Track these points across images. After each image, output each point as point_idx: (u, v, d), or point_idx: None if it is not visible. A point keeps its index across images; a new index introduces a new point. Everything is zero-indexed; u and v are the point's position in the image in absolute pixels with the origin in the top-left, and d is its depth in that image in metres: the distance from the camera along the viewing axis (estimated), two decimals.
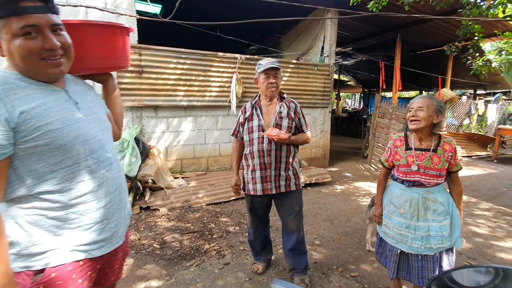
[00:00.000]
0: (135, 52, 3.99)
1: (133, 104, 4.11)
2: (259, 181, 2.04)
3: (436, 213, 1.67)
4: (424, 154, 1.66)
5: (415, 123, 1.64)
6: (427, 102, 1.64)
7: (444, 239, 1.67)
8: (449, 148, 1.65)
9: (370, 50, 9.25)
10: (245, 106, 2.17)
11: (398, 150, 1.76)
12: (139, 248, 2.69)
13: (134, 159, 3.73)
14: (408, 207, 1.71)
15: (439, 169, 1.64)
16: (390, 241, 1.81)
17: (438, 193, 1.69)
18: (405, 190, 1.74)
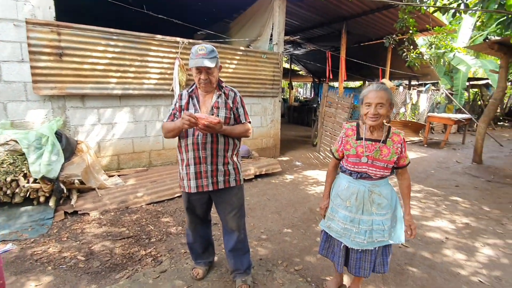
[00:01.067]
0: (52, 31, 3.37)
1: (53, 93, 3.50)
2: (193, 177, 1.83)
3: (380, 207, 1.67)
4: (373, 144, 1.63)
5: (375, 120, 1.57)
6: (385, 97, 1.56)
7: (385, 233, 1.67)
8: (398, 139, 1.62)
9: (318, 40, 9.43)
10: (182, 93, 1.91)
11: (349, 140, 1.71)
12: (58, 263, 2.29)
13: (55, 157, 3.20)
14: (354, 200, 1.68)
15: (387, 161, 1.61)
16: (334, 235, 1.79)
17: (383, 186, 1.68)
18: (353, 182, 1.70)
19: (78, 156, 3.52)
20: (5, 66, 3.19)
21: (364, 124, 1.69)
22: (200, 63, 1.70)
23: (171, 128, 1.78)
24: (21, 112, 3.39)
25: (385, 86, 1.60)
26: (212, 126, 1.63)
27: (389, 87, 6.33)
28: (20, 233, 2.72)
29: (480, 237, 2.91)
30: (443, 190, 4.40)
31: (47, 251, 2.46)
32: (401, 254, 2.56)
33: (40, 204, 3.06)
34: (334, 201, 1.81)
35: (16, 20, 3.16)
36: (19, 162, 3.00)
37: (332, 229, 1.80)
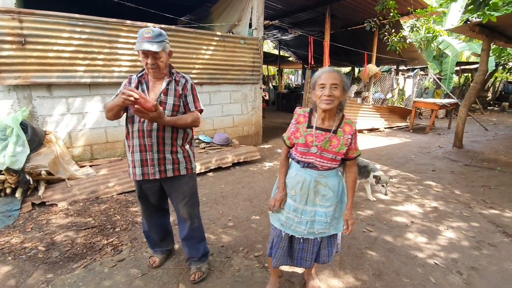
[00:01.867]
0: (14, 18, 3.24)
1: (17, 82, 3.40)
2: (138, 165, 1.79)
3: (324, 198, 1.60)
4: (323, 134, 1.52)
5: (329, 102, 1.43)
6: (339, 78, 1.46)
7: (327, 225, 1.62)
8: (349, 129, 1.53)
9: (305, 25, 9.25)
10: (131, 77, 1.83)
11: (299, 127, 1.59)
12: (18, 253, 2.29)
13: (20, 148, 3.14)
14: (299, 189, 1.61)
15: (336, 153, 1.52)
16: (276, 225, 1.72)
17: (330, 177, 1.60)
18: (300, 171, 1.62)
19: (46, 147, 3.47)
20: None
21: (316, 112, 1.57)
22: (144, 47, 1.63)
23: (110, 106, 1.64)
24: None
25: (337, 69, 1.52)
26: (145, 112, 1.54)
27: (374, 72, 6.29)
28: None
29: (445, 221, 2.95)
30: (419, 174, 4.43)
31: (10, 242, 2.45)
32: (364, 238, 2.59)
33: (7, 195, 3.03)
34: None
35: None
36: None
37: (273, 216, 1.74)
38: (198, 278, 1.97)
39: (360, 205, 3.27)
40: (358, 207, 3.22)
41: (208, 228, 2.71)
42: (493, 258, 2.31)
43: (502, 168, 4.69)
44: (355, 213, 3.06)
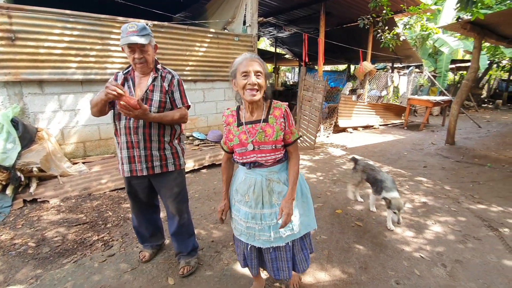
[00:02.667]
0: (2, 14, 3.22)
1: (7, 79, 3.39)
2: (126, 162, 1.81)
3: (281, 196, 1.45)
4: (255, 127, 1.40)
5: (255, 93, 1.33)
6: (262, 66, 1.35)
7: (293, 225, 1.47)
8: (280, 113, 1.40)
9: (301, 22, 9.25)
10: (117, 74, 1.85)
11: (231, 128, 1.46)
12: (7, 249, 2.30)
13: (10, 145, 3.14)
14: (252, 193, 1.45)
15: (274, 141, 1.38)
16: (242, 238, 1.55)
17: (282, 172, 1.47)
18: (249, 173, 1.47)
19: (38, 144, 3.46)
20: None
21: (243, 107, 1.45)
22: (132, 40, 1.64)
23: (94, 102, 1.65)
24: None
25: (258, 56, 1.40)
26: (130, 109, 1.55)
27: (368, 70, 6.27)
28: None
29: (433, 215, 2.99)
30: (410, 171, 4.48)
31: (0, 237, 2.45)
32: (352, 232, 2.63)
33: None
34: (235, 197, 1.55)
35: None
36: None
37: (237, 230, 1.57)
38: (187, 272, 1.99)
39: (350, 200, 3.31)
40: (347, 202, 3.26)
41: (200, 224, 2.74)
42: (477, 251, 2.36)
43: (492, 164, 4.75)
44: (345, 208, 3.10)
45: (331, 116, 7.38)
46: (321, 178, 4.04)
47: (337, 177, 4.10)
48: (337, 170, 4.42)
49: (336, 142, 6.37)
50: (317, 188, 3.68)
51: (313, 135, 5.83)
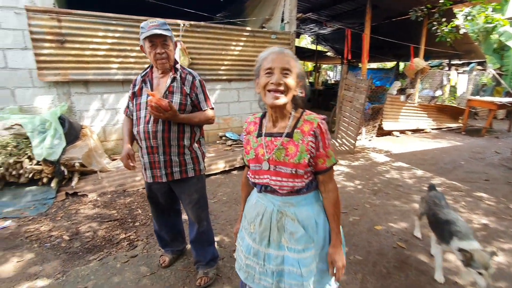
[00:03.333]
0: (53, 18, 3.47)
1: (57, 79, 3.65)
2: (148, 167, 1.77)
3: (293, 238, 1.10)
4: (274, 141, 1.10)
5: (278, 95, 1.03)
6: (293, 62, 1.06)
7: (305, 280, 1.09)
8: (309, 128, 1.06)
9: (344, 18, 8.71)
10: (136, 78, 1.83)
11: (250, 139, 1.19)
12: (44, 241, 2.43)
13: (57, 141, 3.37)
14: (258, 224, 1.16)
15: (295, 165, 1.05)
16: (241, 275, 1.24)
17: (302, 207, 1.12)
18: (260, 197, 1.19)
19: (81, 140, 3.68)
20: (9, 54, 3.37)
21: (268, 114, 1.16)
22: (155, 31, 1.58)
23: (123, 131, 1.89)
24: (28, 98, 3.60)
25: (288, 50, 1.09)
26: (161, 110, 1.54)
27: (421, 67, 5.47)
28: (23, 211, 2.93)
29: (495, 241, 2.50)
30: (468, 184, 3.87)
31: (39, 229, 2.62)
32: (393, 255, 2.29)
33: (43, 185, 3.27)
34: (243, 221, 1.29)
35: (16, 8, 3.29)
36: (23, 145, 3.20)
37: (237, 263, 1.28)
38: (204, 283, 1.89)
39: (392, 215, 2.93)
40: (389, 218, 2.88)
41: (224, 230, 2.63)
42: None
43: None
44: (386, 225, 2.75)
45: (375, 118, 6.80)
46: (359, 187, 3.69)
47: (379, 187, 3.71)
48: (379, 178, 4.00)
49: (379, 147, 5.85)
50: (354, 198, 3.35)
51: (353, 138, 5.41)
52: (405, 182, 3.88)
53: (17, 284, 1.93)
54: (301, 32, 12.00)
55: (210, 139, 5.01)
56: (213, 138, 5.04)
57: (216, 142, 5.03)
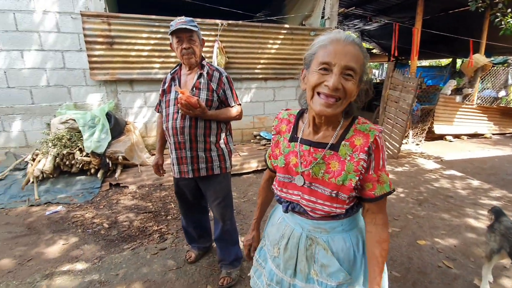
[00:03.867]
0: (103, 22, 3.76)
1: (106, 78, 3.95)
2: (176, 163, 1.80)
3: (325, 272, 0.90)
4: (313, 152, 0.87)
5: (331, 103, 0.77)
6: (361, 58, 0.78)
7: None
8: (363, 142, 0.82)
9: (393, 11, 8.09)
10: (166, 76, 1.87)
11: (279, 140, 0.98)
12: (87, 227, 2.63)
13: (104, 135, 3.64)
14: (283, 248, 0.97)
15: (337, 187, 0.83)
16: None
17: (338, 233, 0.91)
18: (287, 217, 0.99)
19: (125, 135, 3.94)
20: (67, 55, 3.74)
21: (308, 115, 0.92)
22: (181, 26, 1.61)
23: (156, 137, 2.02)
24: (82, 95, 3.95)
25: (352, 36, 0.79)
26: (190, 107, 1.57)
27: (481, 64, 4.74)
28: (72, 197, 3.23)
29: None
30: None
31: (84, 216, 2.85)
32: (437, 275, 2.03)
33: (91, 175, 3.57)
34: (266, 240, 1.09)
35: (73, 13, 3.63)
36: (75, 138, 3.53)
37: (255, 283, 1.09)
38: (227, 284, 1.86)
39: (439, 230, 2.61)
40: (435, 232, 2.57)
41: None
42: None
43: None
44: (431, 240, 2.46)
45: (424, 120, 6.21)
46: (402, 196, 3.37)
47: (425, 196, 3.35)
48: (426, 187, 3.62)
49: (428, 152, 5.32)
50: (395, 207, 3.07)
51: (397, 142, 4.99)
52: (457, 193, 3.45)
53: (60, 265, 2.10)
54: (344, 28, 11.48)
55: (244, 138, 5.03)
56: (247, 137, 5.05)
57: (251, 141, 5.02)
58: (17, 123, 3.81)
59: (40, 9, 3.55)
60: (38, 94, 3.79)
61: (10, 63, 3.62)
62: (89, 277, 1.97)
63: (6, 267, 2.08)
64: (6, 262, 2.14)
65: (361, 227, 0.96)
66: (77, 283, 1.90)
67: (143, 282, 1.93)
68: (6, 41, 3.54)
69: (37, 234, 2.51)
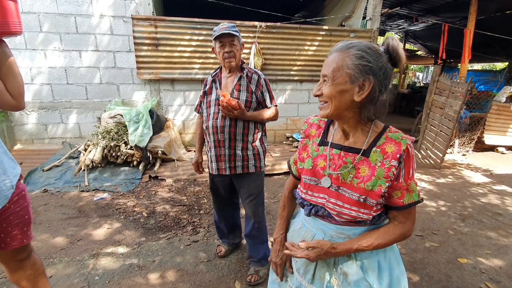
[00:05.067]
0: (151, 25, 4.03)
1: (151, 77, 4.23)
2: (214, 160, 1.89)
3: (346, 280, 0.88)
4: (344, 156, 0.88)
5: (322, 107, 0.85)
6: (335, 62, 0.80)
7: None
8: (395, 150, 0.83)
9: (442, 11, 7.55)
10: (207, 78, 1.99)
11: (308, 143, 1.00)
12: (128, 214, 2.86)
13: (146, 130, 3.90)
14: None
15: (366, 192, 0.84)
16: None
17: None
18: (308, 222, 0.99)
19: (165, 131, 4.19)
20: (118, 55, 4.07)
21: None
22: (224, 31, 1.72)
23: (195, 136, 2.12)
24: (129, 92, 4.28)
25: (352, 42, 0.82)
26: (230, 109, 1.68)
27: None
28: (117, 186, 3.51)
29: None
30: None
31: (126, 204, 3.09)
32: None
33: (134, 167, 3.85)
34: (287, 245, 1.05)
35: (125, 16, 3.94)
36: (122, 132, 3.83)
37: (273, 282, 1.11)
38: (254, 281, 1.91)
39: (484, 248, 2.41)
40: (479, 251, 2.38)
41: None
42: None
43: None
44: (474, 259, 2.28)
45: (473, 128, 5.72)
46: (443, 209, 3.16)
47: (470, 212, 3.11)
48: (471, 202, 3.35)
49: (476, 164, 4.90)
50: (434, 221, 2.89)
51: (441, 151, 4.67)
52: (507, 211, 3.15)
53: (105, 247, 2.31)
54: (387, 29, 10.96)
55: (277, 139, 5.06)
56: (280, 138, 5.07)
57: (283, 143, 5.04)
58: (73, 116, 4.24)
59: (97, 13, 3.91)
60: (92, 90, 4.18)
61: (70, 62, 4.04)
62: (129, 260, 2.14)
63: (60, 244, 2.34)
64: (60, 240, 2.40)
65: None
66: (119, 265, 2.08)
67: (177, 270, 2.05)
68: (67, 42, 3.96)
69: (86, 217, 2.78)
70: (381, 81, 0.80)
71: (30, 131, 4.20)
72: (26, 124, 4.17)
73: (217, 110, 1.80)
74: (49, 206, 2.95)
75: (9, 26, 1.22)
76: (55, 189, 3.33)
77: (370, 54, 0.79)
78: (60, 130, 4.26)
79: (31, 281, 1.36)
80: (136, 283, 1.92)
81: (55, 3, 3.79)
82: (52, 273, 1.98)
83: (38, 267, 1.39)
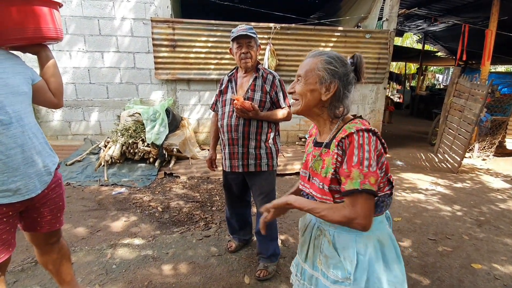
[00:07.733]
0: (169, 27, 4.16)
1: (167, 78, 4.37)
2: (228, 157, 1.96)
3: (326, 263, 0.98)
4: (315, 150, 1.02)
5: (293, 103, 1.00)
6: (308, 65, 0.94)
7: None
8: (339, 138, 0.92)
9: (463, 11, 7.32)
10: (223, 78, 2.06)
11: (310, 142, 1.14)
12: (144, 209, 2.98)
13: (162, 129, 4.04)
14: (302, 234, 1.13)
15: (322, 178, 0.93)
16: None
17: (344, 230, 0.95)
18: None
19: (180, 130, 4.31)
20: (137, 56, 4.24)
21: None
22: (241, 32, 1.78)
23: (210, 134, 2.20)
24: (147, 92, 4.44)
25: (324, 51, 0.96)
26: (244, 110, 1.74)
27: None
28: (134, 182, 3.66)
29: None
30: None
31: (143, 199, 3.22)
32: None
33: (150, 163, 3.99)
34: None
35: (145, 19, 4.10)
36: (140, 130, 3.98)
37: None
38: (263, 276, 1.96)
39: (499, 255, 2.35)
40: (494, 257, 2.32)
41: (290, 230, 2.65)
42: None
43: None
44: (489, 265, 2.23)
45: (494, 133, 5.52)
46: (458, 214, 3.09)
47: (487, 217, 3.02)
48: (489, 208, 3.25)
49: (496, 169, 4.74)
50: (448, 225, 2.84)
51: (459, 155, 4.55)
52: None
53: (122, 238, 2.43)
54: (405, 30, 10.72)
55: (289, 140, 5.08)
56: (292, 139, 5.09)
57: (296, 143, 5.06)
58: (94, 114, 4.44)
59: (119, 16, 4.09)
60: (112, 89, 4.37)
61: (93, 63, 4.24)
62: (144, 251, 2.24)
63: (81, 234, 2.48)
64: (81, 230, 2.55)
65: (378, 237, 0.96)
66: (135, 256, 2.19)
67: (189, 263, 2.13)
68: (91, 44, 4.17)
69: (105, 210, 2.92)
70: (345, 85, 0.93)
71: (55, 128, 4.44)
72: (52, 121, 4.41)
73: (232, 109, 1.86)
74: (71, 199, 3.12)
75: (42, 31, 1.32)
76: (77, 183, 3.52)
77: (338, 61, 0.93)
78: (82, 127, 4.48)
79: (57, 264, 1.48)
80: (150, 273, 2.01)
81: (80, 6, 4.00)
82: (73, 260, 2.11)
83: (65, 252, 1.50)
